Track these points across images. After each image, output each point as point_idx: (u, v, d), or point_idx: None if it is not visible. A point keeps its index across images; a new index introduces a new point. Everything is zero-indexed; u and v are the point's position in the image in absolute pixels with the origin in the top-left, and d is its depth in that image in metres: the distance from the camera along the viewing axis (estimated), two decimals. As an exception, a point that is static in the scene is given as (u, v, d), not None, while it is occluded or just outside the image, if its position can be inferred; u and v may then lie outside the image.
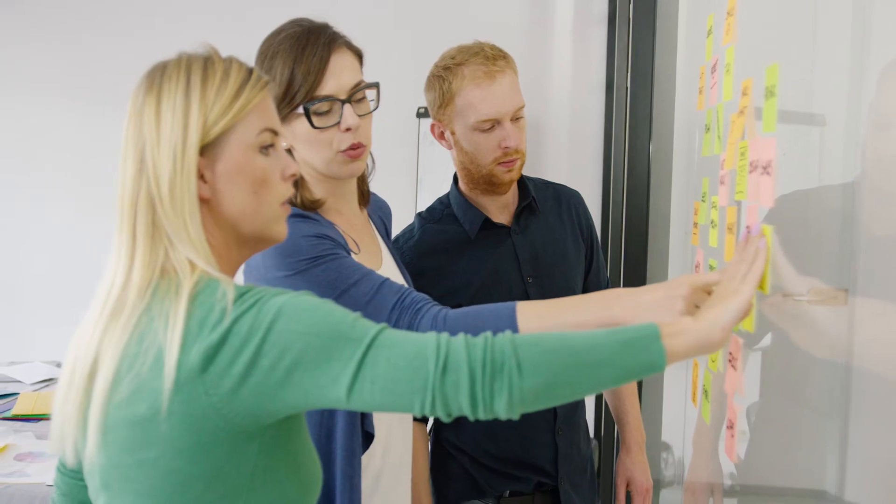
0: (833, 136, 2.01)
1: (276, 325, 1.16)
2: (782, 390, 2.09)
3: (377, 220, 1.95)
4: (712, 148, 1.78)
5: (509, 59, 2.05)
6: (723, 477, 2.09)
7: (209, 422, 1.18)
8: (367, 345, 1.16)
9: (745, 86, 1.50)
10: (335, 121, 1.67)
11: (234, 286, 1.21)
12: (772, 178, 1.32)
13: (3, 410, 2.94)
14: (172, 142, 1.22)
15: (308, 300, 1.20)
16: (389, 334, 1.19)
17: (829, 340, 1.90)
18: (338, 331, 1.17)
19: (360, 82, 1.70)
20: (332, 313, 1.20)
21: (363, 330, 1.18)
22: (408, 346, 1.17)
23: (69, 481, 1.48)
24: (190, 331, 1.17)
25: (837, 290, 1.92)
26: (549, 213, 2.23)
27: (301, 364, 1.16)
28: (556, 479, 2.17)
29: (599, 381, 1.19)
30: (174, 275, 1.23)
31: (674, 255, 2.90)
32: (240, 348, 1.16)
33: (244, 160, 1.27)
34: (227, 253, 1.31)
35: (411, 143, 3.74)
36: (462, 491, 2.18)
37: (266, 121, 1.30)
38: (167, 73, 1.26)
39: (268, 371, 1.16)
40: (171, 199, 1.22)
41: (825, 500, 1.95)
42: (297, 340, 1.16)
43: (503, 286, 2.13)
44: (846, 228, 1.93)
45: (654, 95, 2.96)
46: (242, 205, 1.28)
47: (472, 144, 2.05)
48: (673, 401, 2.69)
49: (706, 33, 1.90)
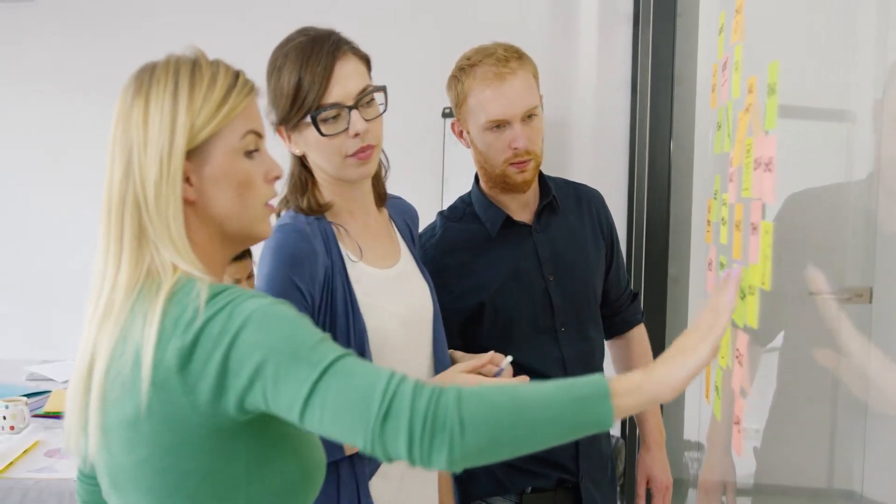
0: (858, 134, 2.01)
1: (242, 332, 1.17)
2: (801, 388, 2.09)
3: (401, 222, 1.97)
4: (723, 145, 1.79)
5: (524, 60, 2.06)
6: (735, 474, 2.09)
7: (189, 420, 1.19)
8: (323, 370, 1.16)
9: (750, 83, 1.51)
10: (343, 127, 1.70)
11: (210, 286, 1.22)
12: (773, 175, 1.33)
13: (35, 408, 3.00)
14: (159, 146, 1.25)
15: (278, 311, 1.20)
16: (347, 362, 1.18)
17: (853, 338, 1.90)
18: (299, 350, 1.17)
19: (366, 87, 1.71)
20: (298, 331, 1.19)
21: (323, 353, 1.17)
22: (361, 379, 1.16)
23: (89, 488, 1.50)
24: (165, 329, 1.19)
25: (862, 287, 1.92)
26: (569, 213, 2.24)
27: (261, 376, 1.16)
28: (577, 475, 2.18)
29: (545, 439, 1.17)
30: (157, 276, 1.25)
31: (695, 253, 2.90)
32: (211, 350, 1.17)
33: (229, 164, 1.30)
34: (213, 252, 1.33)
35: (437, 142, 3.75)
36: (484, 488, 2.19)
37: (251, 124, 1.32)
38: (156, 77, 1.29)
39: (234, 376, 1.17)
40: (157, 202, 1.24)
41: (845, 498, 1.95)
42: (259, 352, 1.16)
43: (524, 284, 2.14)
44: (869, 226, 1.93)
45: (674, 94, 2.96)
46: (227, 206, 1.31)
47: (484, 144, 2.07)
48: (693, 398, 2.69)
49: (718, 31, 1.90)
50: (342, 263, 1.75)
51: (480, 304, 2.11)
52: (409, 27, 3.83)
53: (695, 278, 3.00)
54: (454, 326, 2.07)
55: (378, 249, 1.84)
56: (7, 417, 2.89)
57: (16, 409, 2.88)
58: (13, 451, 2.66)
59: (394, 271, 1.83)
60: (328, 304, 1.71)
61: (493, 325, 2.12)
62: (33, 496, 2.45)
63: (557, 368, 2.13)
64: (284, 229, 1.72)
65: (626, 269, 2.41)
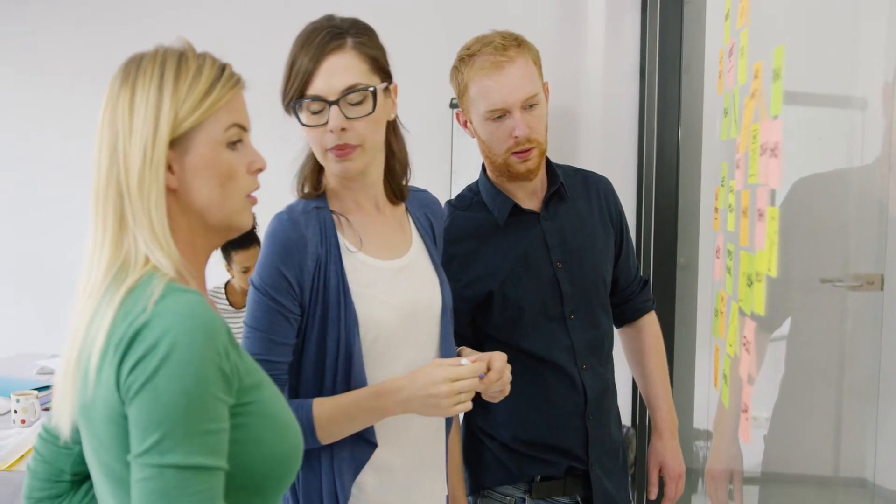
0: (868, 118, 1.99)
1: (158, 373, 1.16)
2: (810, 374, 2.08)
3: (421, 216, 1.95)
4: (730, 132, 1.78)
5: (523, 47, 2.04)
6: (742, 462, 2.08)
7: (122, 416, 1.20)
8: (160, 465, 1.16)
9: (756, 68, 1.50)
10: (324, 121, 1.69)
11: (166, 284, 1.23)
12: (779, 161, 1.32)
13: (46, 401, 3.01)
14: (143, 135, 1.27)
15: (189, 363, 1.18)
16: (185, 476, 1.17)
17: (864, 325, 1.89)
18: (177, 420, 1.17)
19: (354, 85, 1.69)
20: (191, 402, 1.17)
21: (188, 450, 1.17)
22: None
23: (52, 448, 1.50)
24: (115, 321, 1.21)
25: (873, 274, 1.91)
26: (577, 200, 2.23)
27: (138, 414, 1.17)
28: (586, 462, 2.17)
29: None
30: (130, 265, 1.27)
31: (703, 240, 2.89)
32: (138, 360, 1.17)
33: (211, 155, 1.31)
34: (194, 241, 1.35)
35: (445, 133, 3.75)
36: (494, 477, 2.18)
37: (235, 117, 1.34)
38: (143, 67, 1.31)
39: (129, 398, 1.18)
40: (139, 189, 1.26)
41: (857, 486, 1.94)
42: (163, 397, 1.16)
43: (532, 272, 2.13)
44: (881, 212, 1.91)
45: (682, 81, 2.95)
46: (208, 196, 1.32)
47: (486, 134, 2.06)
48: (704, 386, 2.68)
49: (724, 16, 1.89)
50: (338, 253, 1.75)
51: (489, 292, 2.11)
52: (415, 17, 3.82)
53: (703, 265, 2.99)
54: (463, 315, 2.07)
55: (383, 241, 1.83)
56: (18, 411, 2.91)
57: (27, 403, 2.90)
58: (24, 444, 2.67)
59: (397, 263, 1.82)
60: (320, 292, 1.73)
61: (502, 314, 2.12)
62: (45, 489, 2.45)
63: (567, 356, 2.12)
64: (280, 217, 1.75)
65: (635, 257, 2.39)
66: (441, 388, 1.63)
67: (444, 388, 1.63)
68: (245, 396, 1.26)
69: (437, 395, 1.63)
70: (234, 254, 3.84)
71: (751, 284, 1.46)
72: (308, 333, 1.73)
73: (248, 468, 1.27)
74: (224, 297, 4.04)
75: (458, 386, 1.63)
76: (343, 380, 1.72)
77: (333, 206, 1.80)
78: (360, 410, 1.70)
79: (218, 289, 4.04)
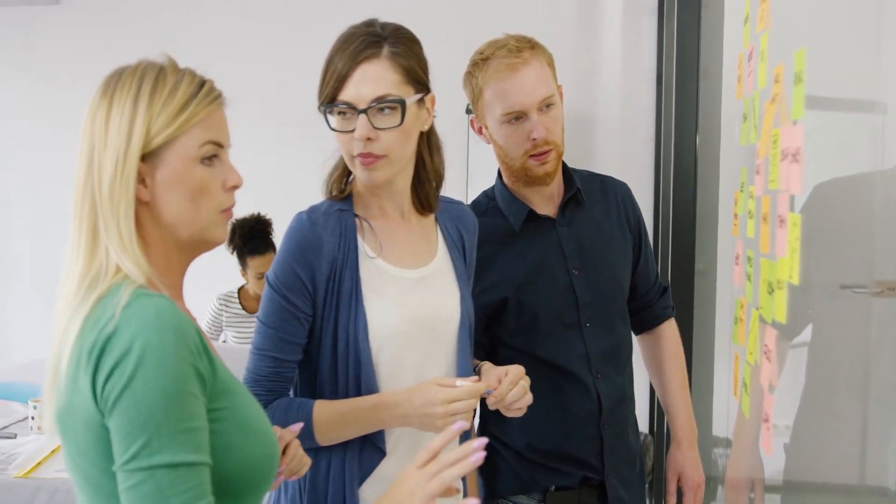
0: (890, 122, 1.97)
1: (134, 378, 1.18)
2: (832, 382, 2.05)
3: (452, 228, 1.93)
4: (749, 137, 1.76)
5: (537, 49, 2.03)
6: (763, 471, 2.05)
7: (97, 419, 1.21)
8: (153, 465, 1.18)
9: (776, 73, 1.48)
10: (352, 127, 1.69)
11: (133, 291, 1.25)
12: (801, 166, 1.30)
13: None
14: (116, 147, 1.29)
15: (163, 364, 1.20)
16: (168, 474, 1.19)
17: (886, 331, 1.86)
18: (158, 423, 1.18)
19: (383, 96, 1.68)
20: (170, 402, 1.19)
21: (174, 449, 1.19)
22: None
23: None
24: (84, 329, 1.23)
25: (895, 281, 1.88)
26: (595, 205, 2.20)
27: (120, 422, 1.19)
28: (601, 472, 2.14)
29: None
30: (102, 274, 1.29)
31: (722, 247, 2.87)
32: (112, 368, 1.19)
33: (183, 170, 1.33)
34: (168, 254, 1.37)
35: (461, 139, 3.74)
36: (508, 486, 2.16)
37: (211, 134, 1.35)
38: (122, 80, 1.33)
39: (107, 406, 1.20)
40: (110, 199, 1.29)
41: (879, 495, 1.91)
42: (143, 401, 1.18)
43: (548, 279, 2.11)
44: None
45: (700, 86, 2.93)
46: (179, 211, 1.34)
47: (503, 138, 2.04)
48: (723, 394, 2.66)
49: (743, 20, 1.87)
50: (356, 257, 1.75)
51: (504, 298, 2.09)
52: (431, 22, 3.81)
53: (722, 272, 2.97)
54: (478, 322, 2.05)
55: (405, 250, 1.82)
56: (35, 418, 2.92)
57: (44, 410, 2.90)
58: (41, 451, 2.67)
59: (417, 273, 1.81)
60: (334, 294, 1.73)
61: (517, 321, 2.10)
62: (61, 496, 2.46)
63: (581, 364, 2.10)
64: (299, 217, 1.76)
65: (654, 263, 2.37)
66: (437, 409, 1.64)
67: (439, 409, 1.64)
68: (217, 401, 1.28)
69: (432, 415, 1.64)
70: (249, 259, 3.85)
71: (772, 292, 1.44)
72: (323, 335, 1.74)
73: (222, 474, 1.28)
74: (237, 302, 4.05)
75: (453, 407, 1.64)
76: (354, 384, 1.73)
77: (358, 210, 1.80)
78: (357, 420, 1.71)
79: (231, 293, 4.05)
